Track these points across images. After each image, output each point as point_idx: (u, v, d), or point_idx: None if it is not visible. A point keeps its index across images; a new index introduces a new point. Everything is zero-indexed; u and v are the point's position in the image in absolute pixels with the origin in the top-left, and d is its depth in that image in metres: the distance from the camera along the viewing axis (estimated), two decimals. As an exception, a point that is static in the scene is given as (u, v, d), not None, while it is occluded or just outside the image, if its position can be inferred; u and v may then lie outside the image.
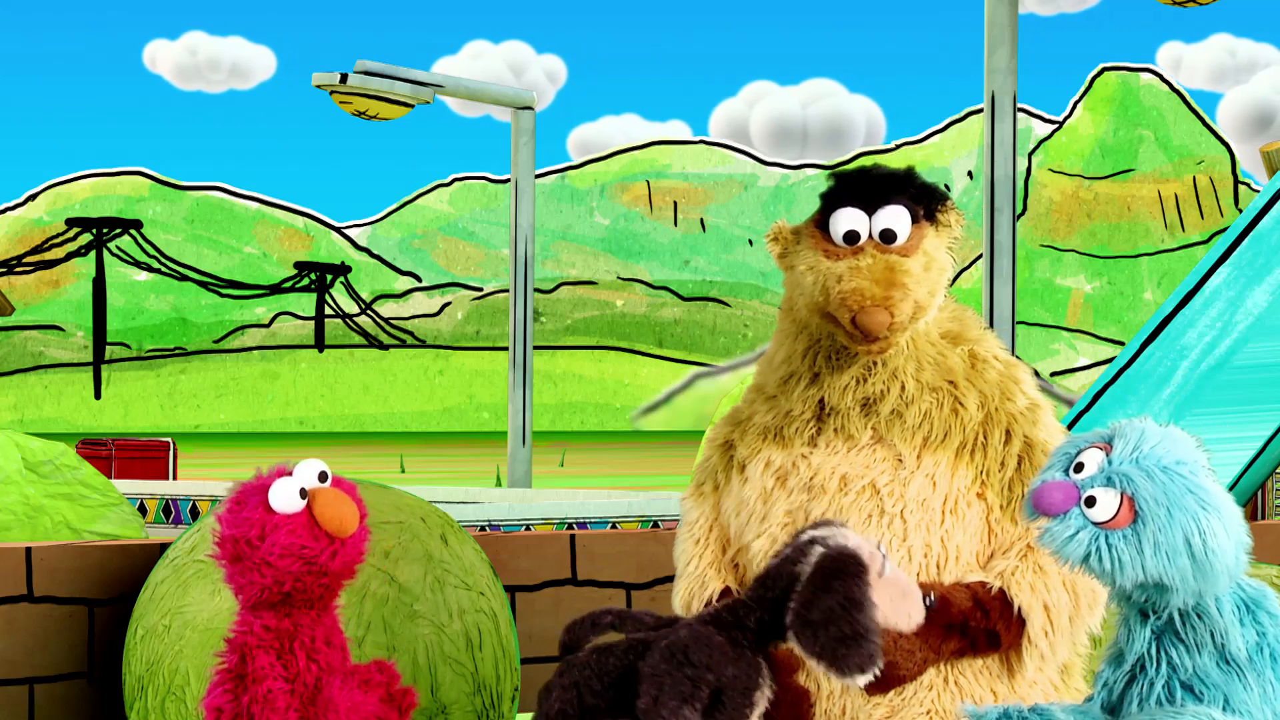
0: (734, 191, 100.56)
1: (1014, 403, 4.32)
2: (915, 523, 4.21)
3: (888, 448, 4.26)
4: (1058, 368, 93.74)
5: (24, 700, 6.07)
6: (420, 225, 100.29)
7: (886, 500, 4.22)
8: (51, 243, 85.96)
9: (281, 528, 4.23)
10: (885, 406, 4.27)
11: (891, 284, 4.14)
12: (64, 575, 6.15)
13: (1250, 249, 6.51)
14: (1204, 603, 3.66)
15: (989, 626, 4.14)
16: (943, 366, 4.31)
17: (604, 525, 12.17)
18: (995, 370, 4.35)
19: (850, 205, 4.22)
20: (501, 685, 5.78)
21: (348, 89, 13.94)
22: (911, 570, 4.19)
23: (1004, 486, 4.26)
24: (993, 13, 9.82)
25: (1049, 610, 4.17)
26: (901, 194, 4.24)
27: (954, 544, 4.21)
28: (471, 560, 5.87)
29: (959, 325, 4.38)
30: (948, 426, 4.26)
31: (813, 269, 4.22)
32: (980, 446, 4.27)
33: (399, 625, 5.57)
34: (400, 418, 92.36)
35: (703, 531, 4.50)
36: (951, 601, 4.12)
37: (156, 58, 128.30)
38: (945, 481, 4.23)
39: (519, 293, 14.95)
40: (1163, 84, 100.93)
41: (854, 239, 4.20)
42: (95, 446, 21.12)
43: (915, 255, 4.20)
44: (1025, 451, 4.28)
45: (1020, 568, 4.18)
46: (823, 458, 4.28)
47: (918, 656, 4.10)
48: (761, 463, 4.35)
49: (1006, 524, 4.24)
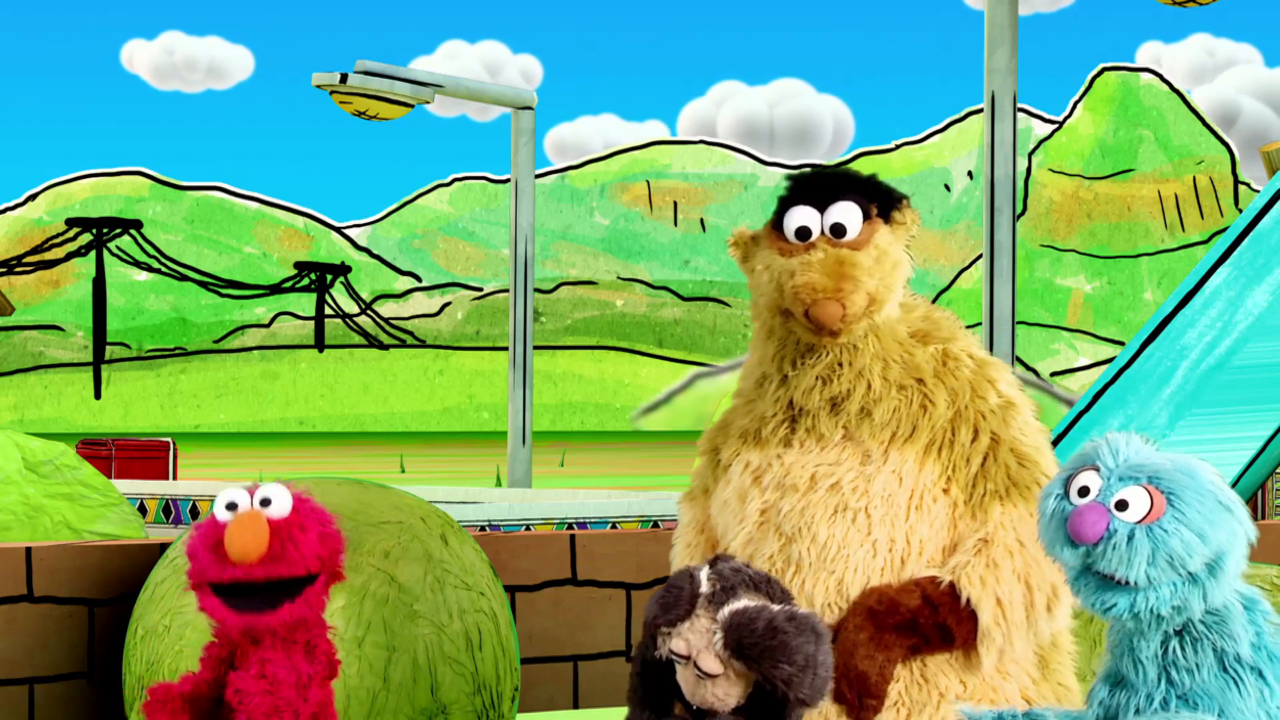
0: (734, 191, 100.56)
1: (985, 400, 4.38)
2: (879, 517, 4.28)
3: (857, 445, 4.34)
4: (1058, 368, 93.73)
5: (24, 700, 6.07)
6: (420, 225, 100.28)
7: (850, 496, 4.30)
8: (51, 243, 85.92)
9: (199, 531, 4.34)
10: (853, 405, 4.35)
11: (842, 276, 4.25)
12: (64, 575, 6.16)
13: (1250, 249, 6.51)
14: (1215, 601, 3.66)
15: (939, 620, 4.21)
16: (910, 365, 4.39)
17: (604, 525, 12.17)
18: (968, 368, 4.42)
19: (803, 204, 4.35)
20: (501, 685, 5.78)
21: (348, 89, 13.93)
22: (875, 565, 4.27)
23: (969, 482, 4.33)
24: (993, 13, 9.82)
25: (1001, 603, 4.23)
26: (853, 191, 4.36)
27: (918, 538, 4.29)
28: (471, 560, 5.88)
29: (930, 325, 4.48)
30: (915, 423, 4.34)
31: (768, 267, 4.34)
32: (948, 443, 4.34)
33: (399, 625, 5.57)
34: (400, 418, 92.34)
35: (693, 534, 4.62)
36: (899, 602, 4.20)
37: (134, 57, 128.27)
38: (911, 477, 4.31)
39: (519, 293, 14.95)
40: (1163, 84, 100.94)
41: (806, 235, 4.32)
42: (95, 446, 21.13)
43: (866, 249, 4.30)
44: (992, 448, 4.34)
45: (973, 562, 4.25)
46: (795, 457, 4.37)
47: (878, 660, 4.18)
48: (741, 464, 4.45)
49: (968, 519, 4.31)
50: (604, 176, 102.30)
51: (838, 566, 4.25)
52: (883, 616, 4.19)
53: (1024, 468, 4.31)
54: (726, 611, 3.82)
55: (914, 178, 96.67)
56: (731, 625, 3.80)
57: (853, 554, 4.27)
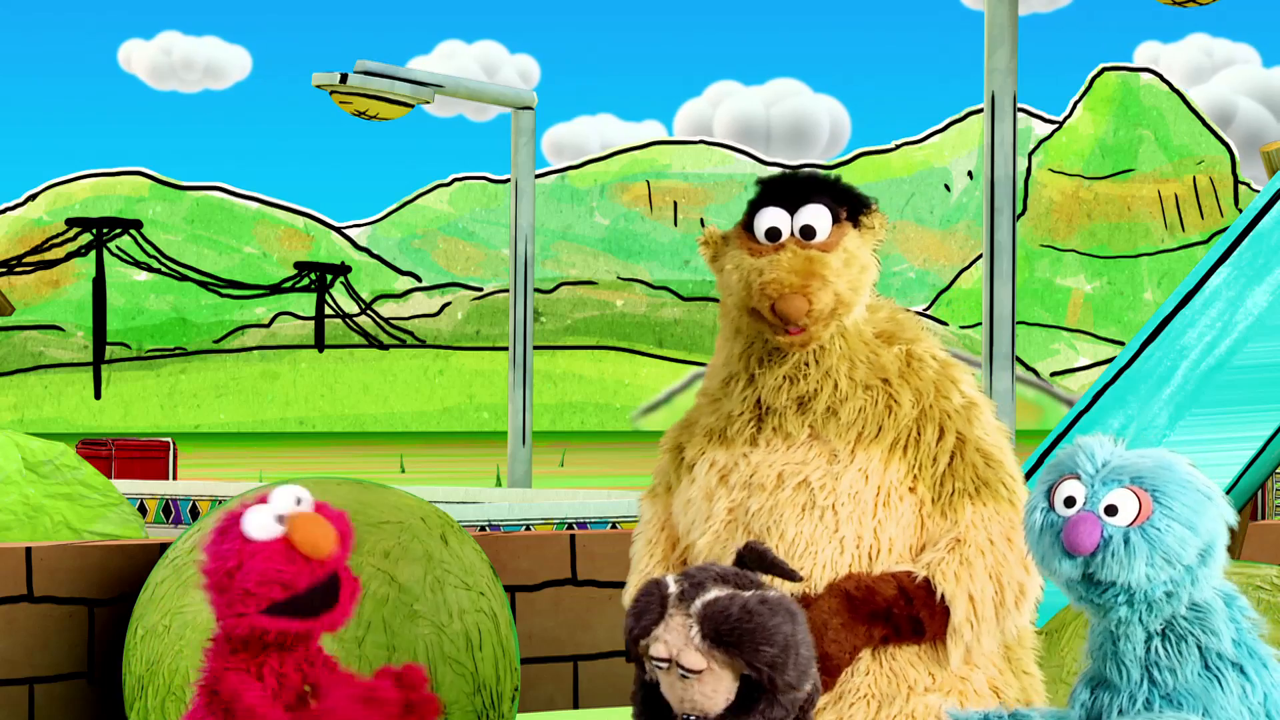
0: (734, 191, 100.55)
1: (949, 400, 4.44)
2: (846, 515, 4.33)
3: (823, 444, 4.39)
4: (1058, 368, 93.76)
5: (24, 700, 6.07)
6: (420, 225, 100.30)
7: (819, 494, 4.35)
8: (51, 243, 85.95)
9: (258, 554, 4.21)
10: (820, 404, 4.40)
11: (810, 274, 4.30)
12: (64, 575, 6.16)
13: (1250, 249, 6.50)
14: (1198, 597, 3.68)
15: (912, 613, 4.26)
16: (876, 365, 4.44)
17: (604, 525, 12.18)
18: (931, 369, 4.48)
19: (773, 205, 4.40)
20: (501, 685, 5.78)
21: (348, 89, 13.93)
22: (844, 562, 4.31)
23: (936, 481, 4.38)
24: (993, 13, 9.81)
25: (973, 600, 4.29)
26: (823, 194, 4.41)
27: (886, 535, 4.34)
28: (471, 560, 5.88)
29: (895, 326, 4.53)
30: (881, 422, 4.39)
31: (738, 267, 4.39)
32: (913, 442, 4.39)
33: (399, 625, 5.57)
34: (400, 418, 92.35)
35: (654, 531, 4.66)
36: (875, 590, 4.26)
37: (131, 57, 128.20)
38: (878, 475, 4.36)
39: (519, 293, 14.94)
40: (1163, 84, 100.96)
41: (775, 235, 4.37)
42: (95, 446, 21.12)
43: (835, 251, 4.36)
44: (958, 447, 4.40)
45: (946, 559, 4.30)
46: (762, 456, 4.41)
47: (846, 645, 4.23)
48: (707, 463, 4.49)
49: (936, 518, 4.36)
50: (604, 176, 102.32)
51: (806, 563, 4.29)
52: (858, 603, 4.24)
53: (990, 467, 4.37)
54: (699, 603, 3.83)
55: (914, 178, 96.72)
56: (706, 615, 3.81)
57: (821, 551, 4.32)
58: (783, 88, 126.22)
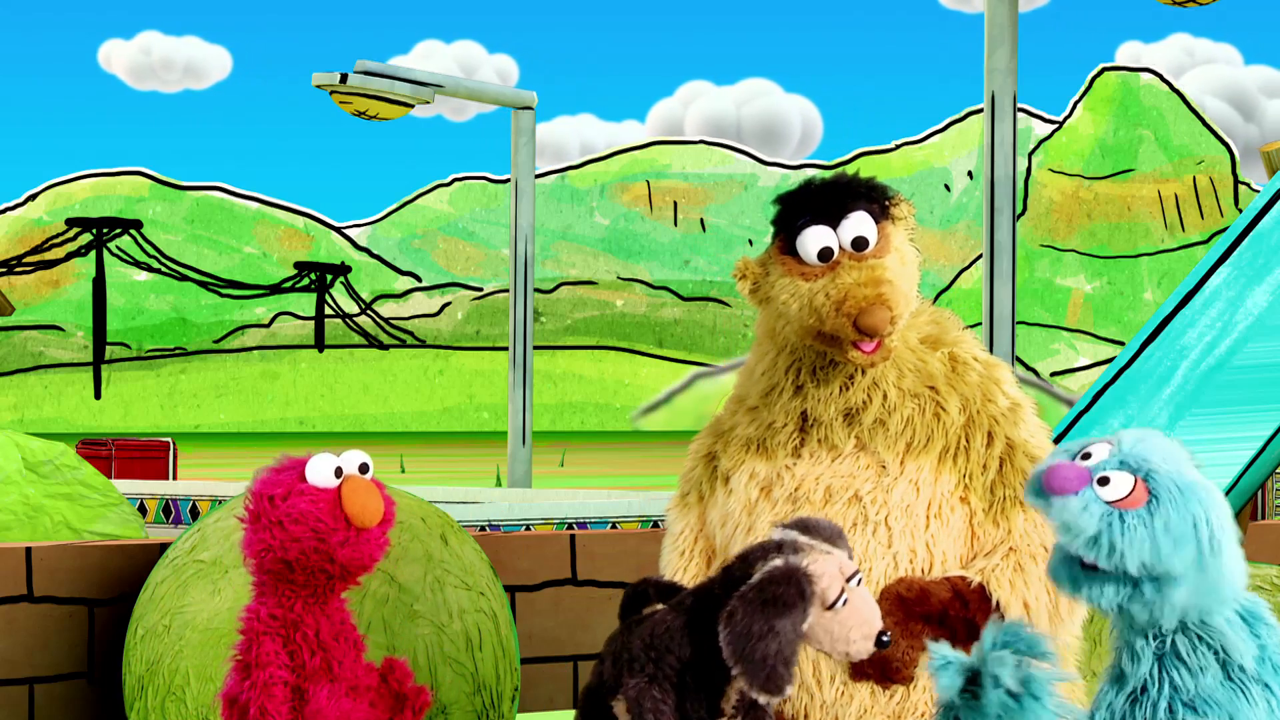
0: (734, 191, 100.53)
1: (995, 404, 4.37)
2: (899, 529, 4.26)
3: (871, 456, 4.31)
4: (1058, 368, 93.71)
5: (24, 700, 6.07)
6: (420, 225, 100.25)
7: (870, 508, 4.27)
8: (51, 243, 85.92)
9: (306, 495, 4.27)
10: (868, 416, 4.31)
11: (879, 282, 4.21)
12: (64, 575, 6.15)
13: (1250, 249, 6.50)
14: (1208, 618, 3.64)
15: (968, 616, 4.20)
16: (923, 372, 4.35)
17: (604, 525, 12.17)
18: (976, 372, 4.40)
19: (815, 224, 4.25)
20: (501, 685, 5.78)
21: (348, 89, 13.93)
22: (896, 576, 4.24)
23: (986, 489, 4.31)
24: (993, 13, 9.81)
25: (1028, 607, 4.23)
26: (860, 200, 4.29)
27: (940, 549, 4.26)
28: (471, 560, 5.87)
29: (938, 329, 4.44)
30: (930, 432, 4.31)
31: (795, 296, 4.25)
32: (963, 450, 4.31)
33: (399, 625, 5.57)
34: (400, 418, 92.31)
35: (688, 543, 4.56)
36: (930, 592, 4.19)
37: (111, 57, 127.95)
38: (929, 487, 4.28)
39: (519, 293, 14.94)
40: (1163, 84, 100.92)
41: (828, 255, 4.25)
42: (95, 446, 21.12)
43: (889, 255, 4.27)
44: (1007, 453, 4.33)
45: (1001, 566, 4.24)
46: (807, 468, 4.33)
47: (902, 645, 4.17)
48: (746, 474, 4.40)
49: (989, 526, 4.29)
50: (604, 176, 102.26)
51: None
52: (911, 604, 4.17)
53: None
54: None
55: (914, 178, 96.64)
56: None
57: (875, 567, 4.24)
58: (754, 87, 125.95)
